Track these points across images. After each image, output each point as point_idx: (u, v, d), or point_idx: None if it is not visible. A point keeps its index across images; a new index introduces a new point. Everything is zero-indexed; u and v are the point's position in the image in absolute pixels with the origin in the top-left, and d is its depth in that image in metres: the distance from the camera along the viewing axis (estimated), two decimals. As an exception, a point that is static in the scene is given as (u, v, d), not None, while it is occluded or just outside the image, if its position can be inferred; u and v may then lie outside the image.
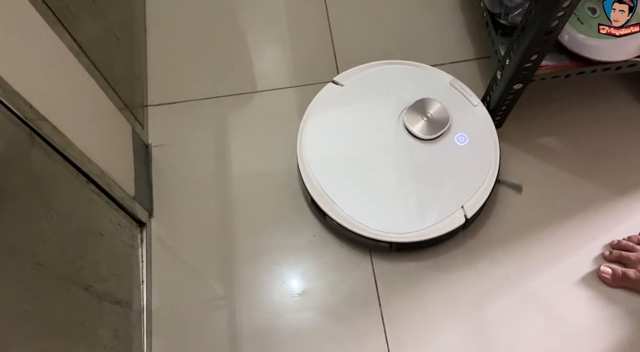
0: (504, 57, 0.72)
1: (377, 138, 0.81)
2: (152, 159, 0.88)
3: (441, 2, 0.99)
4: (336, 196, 0.76)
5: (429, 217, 0.75)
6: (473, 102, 0.82)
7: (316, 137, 0.81)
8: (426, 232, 0.74)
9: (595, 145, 0.85)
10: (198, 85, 0.95)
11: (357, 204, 0.76)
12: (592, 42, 0.68)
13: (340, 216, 0.75)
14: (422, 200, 0.76)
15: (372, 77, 0.86)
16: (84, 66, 0.65)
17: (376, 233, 0.74)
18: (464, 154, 0.78)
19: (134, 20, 0.92)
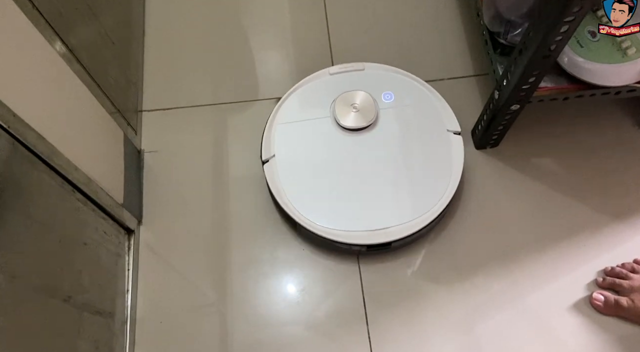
0: (502, 77, 0.71)
1: (328, 141, 0.80)
2: (145, 165, 0.88)
3: (442, 17, 0.99)
4: (305, 205, 0.76)
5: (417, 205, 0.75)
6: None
7: (282, 147, 0.80)
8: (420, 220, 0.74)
9: (592, 168, 0.84)
10: (195, 92, 0.94)
11: (330, 211, 0.75)
12: (591, 66, 0.67)
13: (311, 225, 0.74)
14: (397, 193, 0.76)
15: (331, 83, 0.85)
16: (75, 72, 0.64)
17: (366, 235, 0.73)
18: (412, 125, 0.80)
19: (131, 24, 0.91)
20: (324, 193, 0.77)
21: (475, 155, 0.87)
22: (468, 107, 0.90)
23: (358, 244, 0.74)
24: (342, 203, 0.76)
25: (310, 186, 0.78)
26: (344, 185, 0.77)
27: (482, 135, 0.83)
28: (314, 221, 0.75)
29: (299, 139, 0.81)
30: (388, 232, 0.74)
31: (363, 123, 0.80)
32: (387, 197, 0.76)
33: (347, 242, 0.74)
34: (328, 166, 0.79)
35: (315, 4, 1.01)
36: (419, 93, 0.84)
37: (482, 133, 0.82)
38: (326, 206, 0.76)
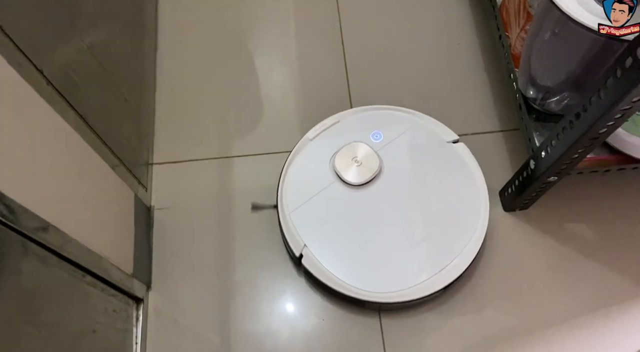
0: (539, 148, 0.67)
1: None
2: (154, 222, 0.83)
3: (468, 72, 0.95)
4: (334, 268, 0.72)
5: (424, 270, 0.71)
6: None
7: (307, 233, 0.75)
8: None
9: (630, 237, 0.80)
10: (206, 143, 0.89)
11: (350, 269, 0.72)
12: (634, 141, 0.63)
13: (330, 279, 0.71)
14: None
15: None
16: (89, 142, 0.60)
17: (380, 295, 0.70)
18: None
19: (144, 78, 0.87)
20: (334, 242, 0.74)
21: (503, 217, 0.83)
22: (495, 164, 0.86)
23: (375, 301, 0.71)
24: (347, 254, 0.73)
25: (334, 244, 0.74)
26: (355, 239, 0.74)
27: (513, 199, 0.79)
28: (345, 281, 0.71)
29: (316, 217, 0.76)
30: (380, 293, 0.71)
31: (368, 176, 0.76)
32: (403, 252, 0.73)
33: (365, 300, 0.71)
34: (346, 226, 0.75)
35: (334, 52, 0.97)
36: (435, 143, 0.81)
37: (513, 198, 0.78)
38: (332, 252, 0.73)
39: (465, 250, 0.72)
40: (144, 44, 0.89)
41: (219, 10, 1.02)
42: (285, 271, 0.79)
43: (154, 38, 0.97)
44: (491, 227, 0.82)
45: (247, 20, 1.01)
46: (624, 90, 0.47)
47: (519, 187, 0.76)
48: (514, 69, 0.74)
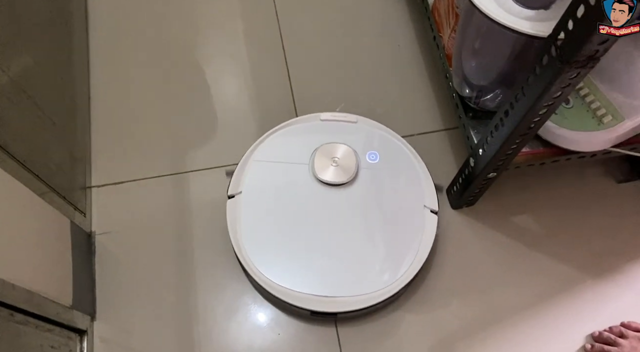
0: (477, 146, 0.68)
1: (301, 196, 0.75)
2: (96, 249, 0.79)
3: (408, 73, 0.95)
4: (259, 251, 0.71)
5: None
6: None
7: (251, 185, 0.75)
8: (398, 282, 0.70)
9: (573, 226, 0.82)
10: (150, 161, 0.86)
11: (282, 264, 0.70)
12: (566, 134, 0.65)
13: (257, 274, 0.69)
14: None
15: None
16: (10, 171, 0.56)
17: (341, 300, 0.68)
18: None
19: (75, 96, 0.83)
20: (281, 243, 0.72)
21: (451, 215, 0.83)
22: (441, 162, 0.87)
23: (301, 307, 0.69)
24: (297, 259, 0.71)
25: (269, 232, 0.73)
26: (304, 240, 0.72)
27: (458, 197, 0.80)
28: (262, 271, 0.70)
29: (270, 181, 0.76)
30: (335, 302, 0.69)
31: (341, 179, 0.75)
32: (342, 265, 0.71)
33: (290, 303, 0.69)
34: (293, 216, 0.74)
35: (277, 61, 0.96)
36: (406, 161, 0.79)
37: (458, 195, 0.79)
38: (280, 257, 0.71)
39: (418, 253, 0.72)
40: (73, 62, 0.86)
41: (156, 20, 0.99)
42: (241, 287, 0.77)
43: (85, 54, 0.93)
44: (441, 226, 0.83)
45: (188, 30, 0.98)
46: (544, 86, 0.47)
47: (462, 184, 0.77)
48: (449, 69, 0.75)
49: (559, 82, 0.46)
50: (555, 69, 0.45)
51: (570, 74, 0.45)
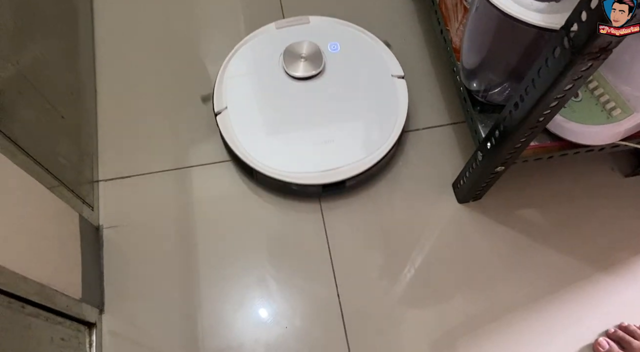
0: (485, 140, 0.68)
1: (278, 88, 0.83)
2: (104, 242, 0.80)
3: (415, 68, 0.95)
4: (260, 152, 0.78)
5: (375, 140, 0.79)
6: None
7: (234, 99, 0.82)
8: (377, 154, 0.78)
9: (578, 219, 0.82)
10: (156, 156, 0.86)
11: (285, 156, 0.78)
12: (575, 127, 0.65)
13: (267, 170, 0.77)
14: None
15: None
16: (20, 165, 0.57)
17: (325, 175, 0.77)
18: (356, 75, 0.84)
19: (82, 92, 0.83)
20: (277, 139, 0.80)
21: (457, 208, 0.84)
22: (447, 157, 0.87)
23: (314, 184, 0.77)
24: (296, 148, 0.79)
25: (264, 133, 0.80)
26: (297, 131, 0.80)
27: (465, 191, 0.80)
28: (270, 166, 0.77)
29: (250, 91, 0.83)
30: (341, 172, 0.77)
31: (312, 71, 0.82)
32: (338, 140, 0.79)
33: (303, 183, 0.77)
34: (280, 114, 0.81)
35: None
36: (363, 42, 0.88)
37: (465, 189, 0.79)
38: (281, 151, 0.79)
39: (399, 117, 0.82)
40: (79, 56, 0.86)
41: (162, 14, 0.99)
42: (247, 281, 0.77)
43: (91, 49, 0.93)
44: (446, 219, 0.83)
45: (195, 25, 0.98)
46: (555, 78, 0.47)
47: (469, 178, 0.77)
48: (456, 62, 0.75)
49: (571, 74, 0.46)
50: (567, 60, 0.45)
51: (582, 66, 0.44)
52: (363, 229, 0.81)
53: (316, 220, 0.81)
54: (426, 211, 0.83)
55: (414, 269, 0.79)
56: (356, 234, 0.81)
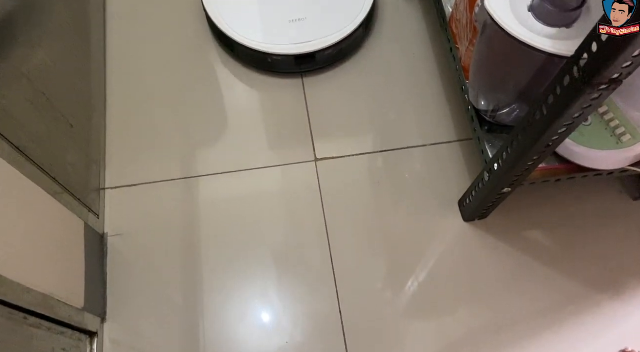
0: (492, 160, 0.67)
1: None
2: (108, 250, 0.80)
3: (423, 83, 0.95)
4: (242, 29, 0.89)
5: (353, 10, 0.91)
6: None
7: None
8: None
9: (586, 242, 0.81)
10: (163, 165, 0.87)
11: (261, 30, 0.89)
12: (584, 151, 0.64)
13: (246, 41, 0.88)
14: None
15: None
16: (27, 175, 0.57)
17: (319, 44, 0.88)
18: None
19: (92, 99, 0.84)
20: (257, 16, 0.90)
21: (462, 227, 0.83)
22: (454, 173, 0.87)
23: (288, 54, 0.88)
24: (272, 22, 0.90)
25: (245, 9, 0.91)
26: (274, 8, 0.91)
27: (471, 210, 0.79)
28: (248, 38, 0.88)
29: None
30: (312, 45, 0.88)
31: None
32: (312, 17, 0.90)
33: (278, 53, 0.88)
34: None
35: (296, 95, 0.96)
36: None
37: (471, 208, 0.79)
38: (259, 27, 0.89)
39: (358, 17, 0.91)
40: (91, 63, 0.86)
41: (173, 25, 0.99)
42: (251, 292, 0.77)
43: (103, 57, 0.94)
44: (451, 236, 0.83)
45: (205, 35, 0.99)
46: (564, 106, 0.47)
47: (475, 198, 0.76)
48: (464, 81, 0.74)
49: (580, 103, 0.45)
50: (576, 90, 0.44)
51: (591, 96, 0.44)
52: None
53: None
54: (431, 226, 0.83)
55: (417, 282, 0.78)
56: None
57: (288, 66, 0.92)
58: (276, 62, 0.90)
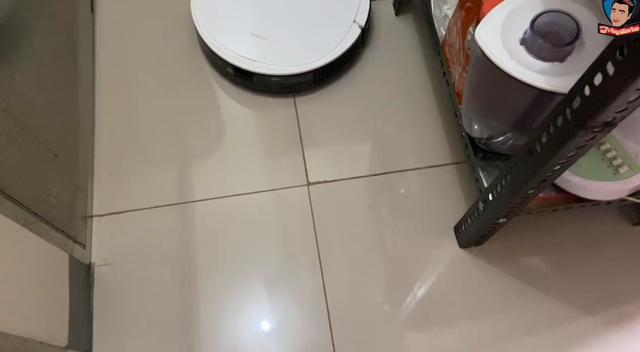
0: (487, 191, 0.65)
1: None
2: (95, 281, 0.78)
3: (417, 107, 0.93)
4: (234, 47, 0.87)
5: (332, 39, 0.88)
6: None
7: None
8: (336, 51, 0.87)
9: (584, 269, 0.79)
10: (154, 190, 0.85)
11: (255, 49, 0.87)
12: (581, 182, 0.62)
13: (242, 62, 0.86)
14: (326, 22, 0.90)
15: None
16: (6, 214, 0.55)
17: (301, 68, 0.86)
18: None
19: (79, 125, 0.82)
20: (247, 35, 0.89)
21: (458, 253, 0.81)
22: (450, 197, 0.85)
23: (227, 62, 0.86)
24: (263, 42, 0.88)
25: (237, 28, 0.89)
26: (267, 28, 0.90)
27: (467, 237, 0.77)
28: (243, 56, 0.87)
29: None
30: (253, 65, 0.86)
31: None
32: (303, 37, 0.89)
33: (271, 74, 0.86)
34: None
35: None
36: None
37: (467, 235, 0.77)
38: (249, 45, 0.88)
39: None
40: (78, 91, 0.85)
41: (162, 50, 0.98)
42: (245, 324, 0.75)
43: (91, 82, 0.92)
44: (447, 264, 0.81)
45: (194, 61, 0.97)
46: (558, 146, 0.45)
47: (471, 226, 0.74)
48: (458, 107, 0.73)
49: (574, 144, 0.44)
50: (569, 131, 0.42)
51: (585, 138, 0.42)
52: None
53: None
54: (427, 252, 0.81)
55: (410, 308, 0.77)
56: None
57: (280, 87, 0.90)
58: (273, 83, 0.89)
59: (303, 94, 0.93)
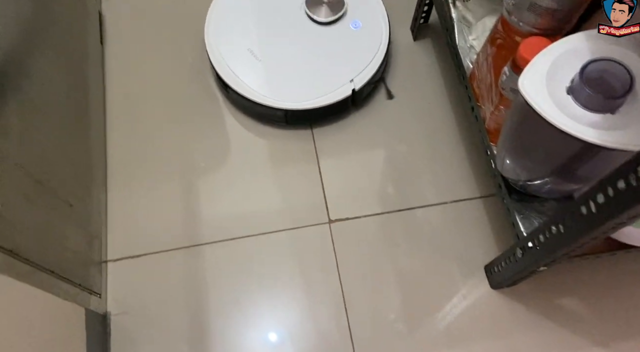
0: (527, 238, 0.62)
1: (279, 22, 0.90)
2: (112, 330, 0.75)
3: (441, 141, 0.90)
4: (238, 71, 0.85)
5: (322, 88, 0.85)
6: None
7: (223, 23, 0.90)
8: (319, 101, 0.84)
9: (625, 314, 0.75)
10: (170, 232, 0.82)
11: (258, 79, 0.85)
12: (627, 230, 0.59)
13: (241, 88, 0.84)
14: (318, 74, 0.86)
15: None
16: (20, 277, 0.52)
17: (271, 102, 0.83)
18: (357, 37, 0.89)
19: (92, 170, 0.79)
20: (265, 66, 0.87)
21: (489, 294, 0.77)
22: (477, 233, 0.82)
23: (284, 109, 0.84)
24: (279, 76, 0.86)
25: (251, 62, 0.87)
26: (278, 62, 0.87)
27: (500, 279, 0.74)
28: (258, 93, 0.84)
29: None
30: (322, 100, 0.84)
31: (327, 18, 0.88)
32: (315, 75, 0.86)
33: (289, 109, 0.84)
34: (276, 44, 0.88)
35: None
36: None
37: (500, 278, 0.73)
38: (264, 75, 0.86)
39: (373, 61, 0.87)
40: (90, 135, 0.82)
41: (172, 82, 0.95)
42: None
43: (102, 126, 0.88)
44: (478, 304, 0.77)
45: (208, 92, 0.94)
46: (616, 210, 0.42)
47: (506, 269, 0.71)
48: (489, 144, 0.69)
49: (635, 211, 0.40)
50: (632, 197, 0.39)
51: None
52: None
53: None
54: (455, 291, 0.78)
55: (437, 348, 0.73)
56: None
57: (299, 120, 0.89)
58: (290, 117, 0.87)
59: (320, 126, 0.90)
